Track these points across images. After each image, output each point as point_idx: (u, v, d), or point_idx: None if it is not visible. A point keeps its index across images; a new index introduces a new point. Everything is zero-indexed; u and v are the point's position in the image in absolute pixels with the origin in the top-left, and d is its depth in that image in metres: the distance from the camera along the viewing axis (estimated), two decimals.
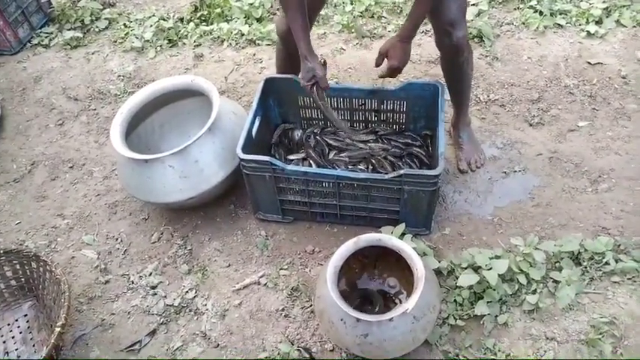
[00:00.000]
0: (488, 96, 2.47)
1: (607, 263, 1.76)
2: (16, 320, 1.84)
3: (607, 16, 2.79)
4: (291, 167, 1.86)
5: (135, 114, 2.11)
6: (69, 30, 3.21)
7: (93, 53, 3.03)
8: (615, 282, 1.74)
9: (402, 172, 1.75)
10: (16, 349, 1.76)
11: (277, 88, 2.14)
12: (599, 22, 2.77)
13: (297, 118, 2.26)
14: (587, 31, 2.72)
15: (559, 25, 2.80)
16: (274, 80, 2.13)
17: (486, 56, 2.67)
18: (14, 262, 1.84)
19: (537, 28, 2.79)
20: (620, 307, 1.67)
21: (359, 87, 2.17)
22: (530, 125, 2.33)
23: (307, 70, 1.82)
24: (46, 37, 3.17)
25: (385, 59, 1.85)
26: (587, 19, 2.78)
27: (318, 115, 2.23)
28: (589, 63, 2.57)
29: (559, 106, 2.40)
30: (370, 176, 1.82)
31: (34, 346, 1.76)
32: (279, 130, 2.26)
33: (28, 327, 1.82)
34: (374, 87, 2.10)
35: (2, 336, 1.80)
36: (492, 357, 1.61)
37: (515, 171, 2.16)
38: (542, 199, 2.04)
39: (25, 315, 1.85)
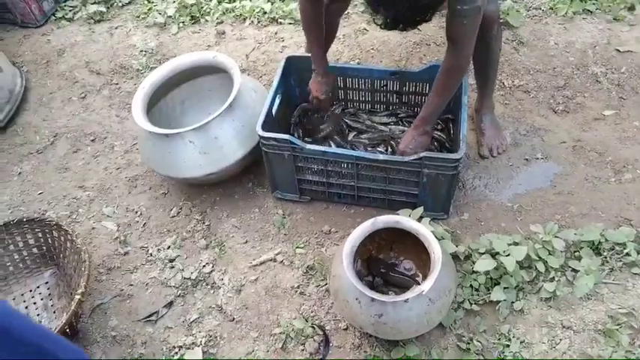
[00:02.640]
0: (512, 81, 2.43)
1: (628, 254, 1.74)
2: (38, 287, 1.88)
3: (639, 3, 2.71)
4: (310, 146, 1.85)
5: (156, 89, 2.11)
6: (93, 4, 3.21)
7: (116, 28, 3.04)
8: (636, 273, 1.71)
9: (422, 154, 1.73)
10: (38, 315, 1.80)
11: (298, 67, 2.13)
12: (630, 9, 2.70)
13: None
14: (617, 18, 2.65)
15: (588, 10, 2.73)
16: (295, 59, 2.12)
17: (512, 41, 2.62)
18: (36, 230, 1.87)
19: (566, 13, 2.72)
20: (639, 299, 1.65)
21: (381, 68, 2.15)
22: (555, 112, 2.29)
23: (328, 84, 1.99)
24: (70, 11, 3.18)
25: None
26: (618, 5, 2.71)
27: (338, 95, 2.22)
28: (618, 50, 2.51)
29: (585, 94, 2.35)
30: (390, 158, 1.81)
31: (54, 312, 1.81)
32: (299, 110, 2.26)
33: (49, 294, 1.86)
34: (396, 68, 2.08)
35: (25, 301, 1.84)
36: (507, 343, 1.60)
37: (538, 158, 2.12)
38: (564, 187, 2.01)
39: (47, 282, 1.89)
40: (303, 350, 1.65)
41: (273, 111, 1.97)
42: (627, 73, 2.40)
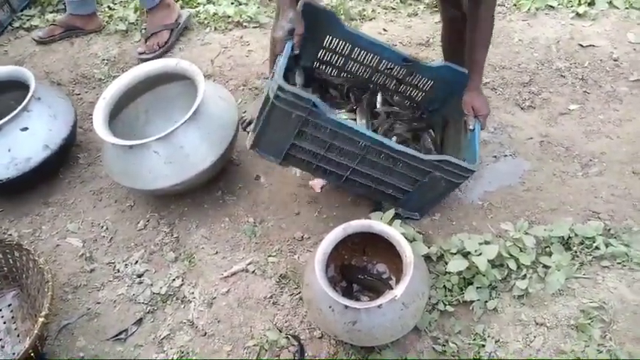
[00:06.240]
0: None
1: (597, 248, 1.75)
2: (0, 310, 1.81)
3: None
4: (332, 116, 1.63)
5: (118, 99, 2.05)
6: (51, 12, 3.13)
7: (76, 36, 2.95)
8: (605, 266, 1.73)
9: (443, 157, 1.67)
10: (0, 340, 1.73)
11: (309, 17, 1.76)
12: (591, 4, 2.74)
13: (313, 57, 2.00)
14: (579, 13, 2.68)
15: (550, 6, 2.77)
16: (311, 7, 1.77)
17: None
18: None
19: (529, 9, 2.75)
20: (609, 292, 1.67)
21: (395, 50, 1.98)
22: (521, 109, 2.31)
23: (288, 20, 1.66)
24: (27, 20, 3.08)
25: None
26: (579, 1, 2.75)
27: (337, 62, 2.02)
28: (580, 45, 2.55)
29: (550, 89, 2.37)
30: (407, 151, 1.67)
31: (18, 336, 1.74)
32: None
33: (12, 317, 1.79)
34: (410, 56, 1.95)
35: None
36: (482, 343, 1.60)
37: (506, 155, 2.14)
38: (533, 183, 2.03)
39: (9, 305, 1.82)
40: None
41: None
42: (590, 67, 2.44)
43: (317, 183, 2.08)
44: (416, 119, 2.10)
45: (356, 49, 1.97)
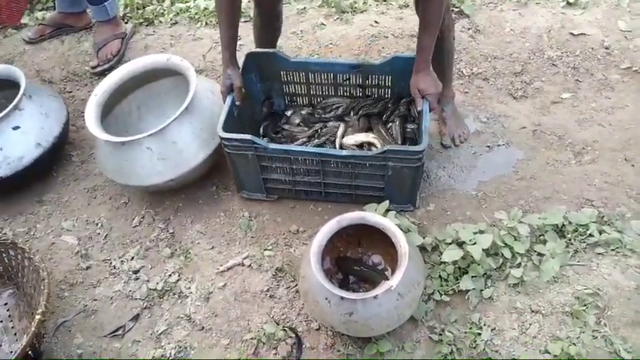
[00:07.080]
0: (471, 69, 2.44)
1: (591, 235, 1.76)
2: None
3: None
4: (273, 146, 1.82)
5: (110, 95, 2.05)
6: (41, 10, 3.11)
7: (66, 34, 2.93)
8: (599, 253, 1.74)
9: (385, 148, 1.73)
10: None
11: (259, 63, 2.09)
12: None
13: (280, 93, 2.20)
14: (570, 2, 2.69)
15: None
16: (256, 55, 2.08)
17: (469, 29, 2.63)
18: None
19: None
20: (603, 279, 1.68)
21: (342, 62, 2.13)
22: (514, 98, 2.31)
23: (227, 76, 1.88)
24: None
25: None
26: None
27: (302, 90, 2.18)
28: (572, 34, 2.55)
29: (542, 79, 2.38)
30: (354, 153, 1.80)
31: (15, 334, 1.74)
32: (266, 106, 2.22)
33: (9, 315, 1.79)
34: (357, 62, 2.06)
35: None
36: (478, 331, 1.61)
37: (499, 145, 2.14)
38: (526, 172, 2.03)
39: (6, 303, 1.82)
40: (275, 354, 1.63)
41: (234, 110, 1.92)
42: (581, 56, 2.44)
43: None
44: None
45: (310, 73, 2.10)
